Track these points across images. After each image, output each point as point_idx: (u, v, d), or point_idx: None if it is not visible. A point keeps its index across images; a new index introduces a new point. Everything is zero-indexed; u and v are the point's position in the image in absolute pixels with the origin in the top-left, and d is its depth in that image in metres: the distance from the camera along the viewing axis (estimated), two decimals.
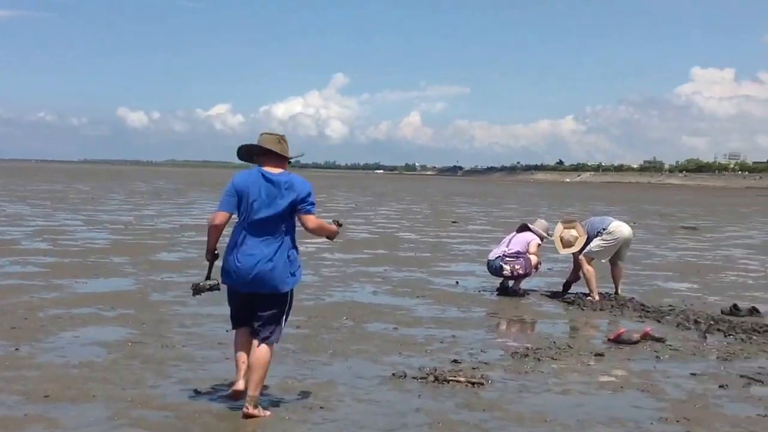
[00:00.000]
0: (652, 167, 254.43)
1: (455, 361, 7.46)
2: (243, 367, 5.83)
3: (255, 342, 5.82)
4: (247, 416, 5.56)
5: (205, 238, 5.95)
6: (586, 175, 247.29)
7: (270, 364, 5.81)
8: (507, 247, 11.79)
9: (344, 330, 8.74)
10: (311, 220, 5.87)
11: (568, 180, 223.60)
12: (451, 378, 6.77)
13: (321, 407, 5.89)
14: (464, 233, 23.76)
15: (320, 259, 15.23)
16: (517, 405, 6.20)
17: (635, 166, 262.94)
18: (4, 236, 17.12)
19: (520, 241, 11.83)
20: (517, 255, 11.62)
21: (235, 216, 5.89)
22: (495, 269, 11.74)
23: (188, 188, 57.84)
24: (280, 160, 5.92)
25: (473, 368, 7.21)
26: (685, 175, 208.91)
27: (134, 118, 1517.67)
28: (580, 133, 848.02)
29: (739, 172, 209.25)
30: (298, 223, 5.93)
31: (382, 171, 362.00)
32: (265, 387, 5.91)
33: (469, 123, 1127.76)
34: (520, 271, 11.60)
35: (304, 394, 6.20)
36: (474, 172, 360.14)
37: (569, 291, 11.85)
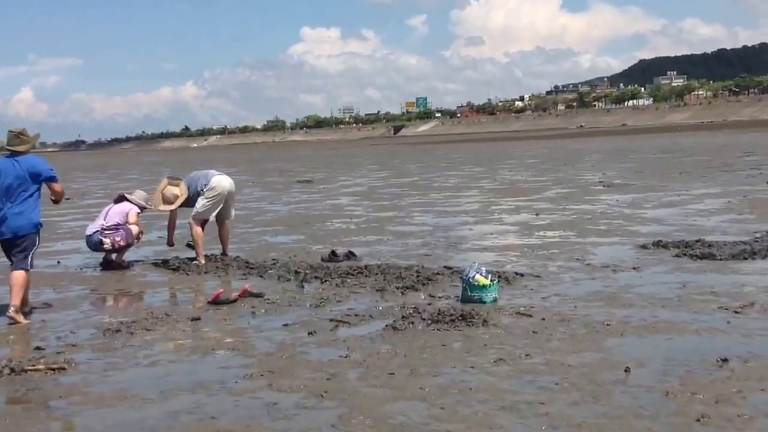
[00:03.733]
0: (274, 126, 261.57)
1: (38, 348, 6.91)
2: None
3: None
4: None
5: None
6: (212, 139, 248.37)
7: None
8: (104, 220, 11.24)
9: None
10: None
11: (195, 145, 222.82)
12: (29, 368, 6.23)
13: None
14: (76, 209, 22.54)
15: None
16: (98, 386, 5.84)
17: (259, 127, 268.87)
18: None
19: (117, 212, 11.34)
20: (117, 227, 11.13)
21: None
22: (94, 244, 11.16)
23: None
24: None
25: (58, 353, 6.72)
26: (306, 132, 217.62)
27: None
28: (202, 98, 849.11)
29: (354, 125, 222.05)
30: None
31: None
32: None
33: (88, 95, 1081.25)
34: (122, 243, 11.14)
35: None
36: (98, 145, 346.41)
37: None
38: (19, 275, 8.15)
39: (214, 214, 11.48)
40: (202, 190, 11.34)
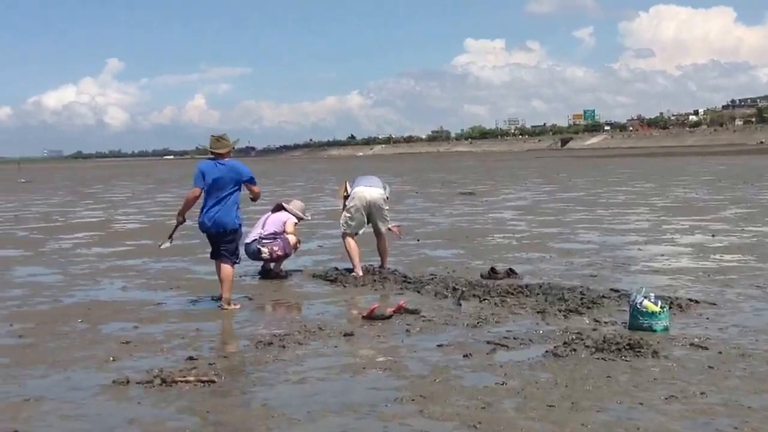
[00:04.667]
0: (439, 136, 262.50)
1: (191, 358, 6.85)
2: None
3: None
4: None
5: None
6: (378, 148, 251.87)
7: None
8: (262, 228, 11.28)
9: (74, 335, 7.91)
10: None
11: (361, 154, 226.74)
12: (179, 379, 6.15)
13: (15, 431, 5.13)
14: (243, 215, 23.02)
15: (73, 256, 14.11)
16: (245, 402, 5.69)
17: (424, 137, 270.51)
18: None
19: (275, 221, 11.36)
20: (274, 236, 11.13)
21: None
22: (252, 253, 11.19)
23: None
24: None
25: (210, 364, 6.64)
26: (471, 142, 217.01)
27: None
28: (368, 107, 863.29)
29: (520, 136, 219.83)
30: None
31: (172, 156, 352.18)
32: None
33: (256, 103, 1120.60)
34: (279, 252, 11.12)
35: (0, 418, 5.41)
36: (268, 151, 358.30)
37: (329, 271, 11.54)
38: (229, 270, 9.19)
39: (363, 228, 11.27)
40: (347, 203, 11.27)
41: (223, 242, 9.20)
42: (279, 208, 11.70)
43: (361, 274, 10.96)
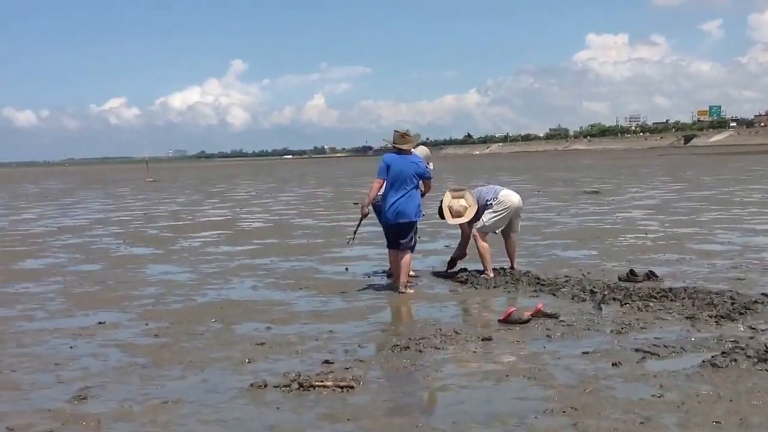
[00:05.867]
0: (557, 134, 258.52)
1: (327, 361, 6.67)
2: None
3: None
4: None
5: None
6: (494, 147, 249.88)
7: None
8: None
9: (209, 335, 7.86)
10: None
11: (477, 153, 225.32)
12: (317, 383, 5.97)
13: None
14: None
15: (202, 254, 14.26)
16: (386, 410, 5.45)
17: (542, 135, 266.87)
18: None
19: None
20: None
21: None
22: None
23: (79, 187, 55.59)
24: None
25: (346, 368, 6.44)
26: (590, 140, 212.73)
27: (22, 118, 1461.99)
28: (485, 106, 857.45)
29: (641, 134, 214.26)
30: None
31: (290, 156, 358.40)
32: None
33: (375, 102, 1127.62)
34: None
35: (140, 421, 5.32)
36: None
37: (454, 269, 11.20)
38: (407, 258, 9.85)
39: (501, 228, 10.96)
40: (490, 203, 10.87)
41: (403, 233, 9.79)
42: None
43: (492, 275, 10.63)
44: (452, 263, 11.33)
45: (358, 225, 10.80)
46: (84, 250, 15.28)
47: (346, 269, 11.98)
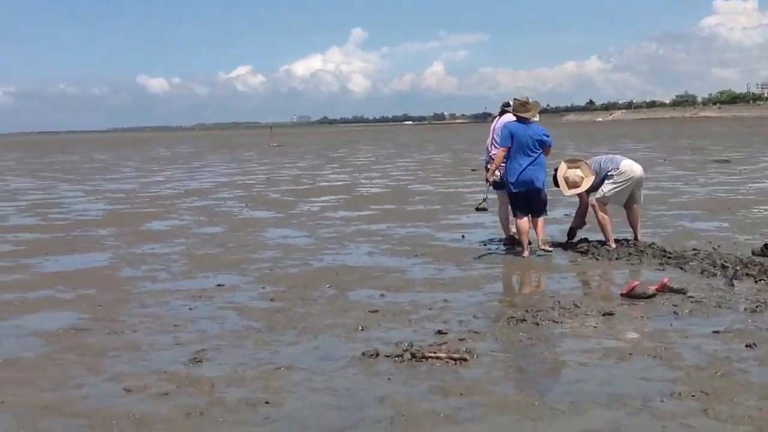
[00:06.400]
0: (684, 101, 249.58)
1: (440, 332, 6.50)
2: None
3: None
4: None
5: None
6: (617, 114, 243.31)
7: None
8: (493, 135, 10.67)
9: (323, 301, 7.81)
10: None
11: (600, 119, 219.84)
12: (430, 354, 5.82)
13: (266, 402, 4.98)
14: (482, 181, 22.63)
15: (320, 219, 14.31)
16: (501, 386, 5.25)
17: (667, 102, 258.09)
18: None
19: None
20: None
21: None
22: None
23: (207, 151, 57.01)
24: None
25: (460, 339, 6.27)
26: (719, 107, 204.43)
27: (155, 85, 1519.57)
28: (607, 72, 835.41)
29: None
30: None
31: (410, 122, 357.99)
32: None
33: (494, 69, 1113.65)
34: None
35: (252, 387, 5.30)
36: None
37: (573, 239, 10.81)
38: (542, 222, 10.18)
39: (622, 200, 10.50)
40: (611, 173, 10.41)
41: (534, 199, 9.99)
42: (502, 112, 10.95)
43: (614, 246, 10.22)
44: (572, 233, 10.96)
45: (487, 191, 10.77)
46: (208, 213, 15.58)
47: (463, 237, 11.77)
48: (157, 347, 6.29)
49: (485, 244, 11.02)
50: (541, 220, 10.15)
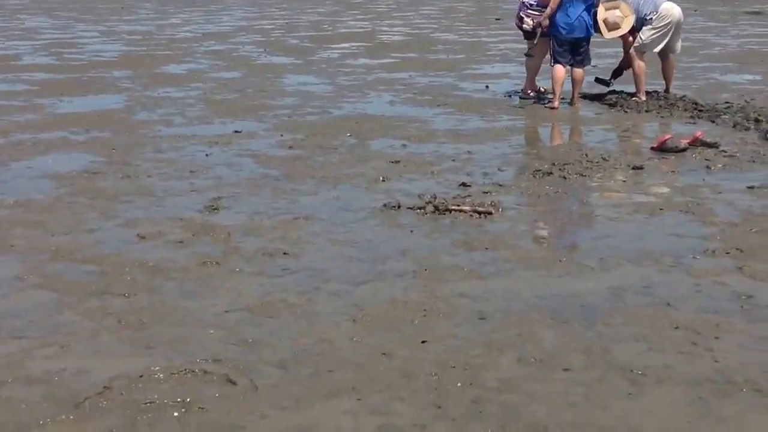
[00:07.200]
0: None
1: (464, 184, 6.29)
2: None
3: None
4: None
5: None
6: None
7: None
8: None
9: (343, 150, 7.57)
10: None
11: None
12: (453, 207, 5.62)
13: (284, 253, 4.83)
14: (507, 30, 21.92)
15: (340, 66, 13.89)
16: (527, 240, 5.09)
17: None
18: (8, 51, 15.98)
19: None
20: (541, 9, 9.94)
21: None
22: (518, 19, 10.17)
23: None
24: None
25: (484, 192, 6.06)
26: None
27: None
28: None
29: None
30: None
31: None
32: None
33: None
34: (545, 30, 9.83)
35: (270, 237, 5.14)
36: None
37: (615, 79, 10.40)
38: (581, 73, 9.81)
39: (660, 46, 10.01)
40: (649, 18, 9.85)
41: (579, 48, 9.68)
42: None
43: (644, 98, 9.86)
44: (618, 72, 10.49)
45: (537, 36, 9.83)
46: (225, 57, 15.15)
47: (487, 87, 11.39)
48: (172, 193, 6.12)
49: (510, 96, 10.66)
50: (581, 71, 9.77)
